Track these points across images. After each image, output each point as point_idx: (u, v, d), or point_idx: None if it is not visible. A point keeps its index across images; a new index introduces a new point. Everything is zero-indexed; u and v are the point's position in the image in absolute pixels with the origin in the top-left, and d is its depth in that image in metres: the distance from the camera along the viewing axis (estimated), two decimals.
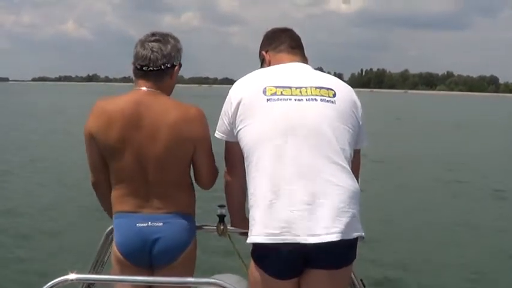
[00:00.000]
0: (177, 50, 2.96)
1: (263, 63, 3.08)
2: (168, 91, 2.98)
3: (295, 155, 2.61)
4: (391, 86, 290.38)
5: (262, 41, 3.11)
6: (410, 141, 26.71)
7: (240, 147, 2.76)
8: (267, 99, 2.70)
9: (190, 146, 2.90)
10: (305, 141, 2.63)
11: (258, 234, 2.60)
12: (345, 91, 2.83)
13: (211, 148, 3.00)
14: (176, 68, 2.96)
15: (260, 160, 2.64)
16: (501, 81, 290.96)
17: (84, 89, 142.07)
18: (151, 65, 2.88)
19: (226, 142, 2.88)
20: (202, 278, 2.48)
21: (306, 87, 2.74)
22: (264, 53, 3.06)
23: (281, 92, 2.71)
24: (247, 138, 2.70)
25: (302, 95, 2.71)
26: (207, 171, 3.04)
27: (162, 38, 2.93)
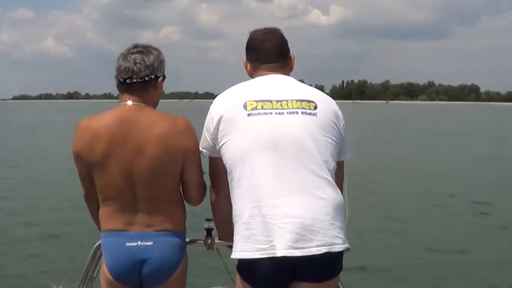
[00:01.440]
0: (160, 62, 2.90)
1: (246, 69, 3.04)
2: (153, 103, 2.93)
3: (277, 170, 2.61)
4: (373, 97, 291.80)
5: (246, 47, 3.04)
6: (393, 151, 26.79)
7: (223, 162, 2.76)
8: (248, 114, 2.69)
9: (180, 158, 2.85)
10: (287, 155, 2.62)
11: (242, 250, 2.60)
12: (326, 103, 2.83)
13: (200, 160, 2.95)
14: (160, 79, 2.90)
15: (242, 176, 2.64)
16: (482, 89, 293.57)
17: (66, 106, 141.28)
18: (135, 76, 2.82)
19: (210, 157, 2.88)
20: None
21: (286, 100, 2.73)
22: (245, 62, 3.03)
23: (261, 106, 2.70)
24: (229, 153, 2.70)
25: (283, 108, 2.70)
26: (196, 184, 2.97)
27: (144, 49, 2.88)
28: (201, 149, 2.87)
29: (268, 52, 2.96)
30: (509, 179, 18.39)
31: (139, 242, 2.79)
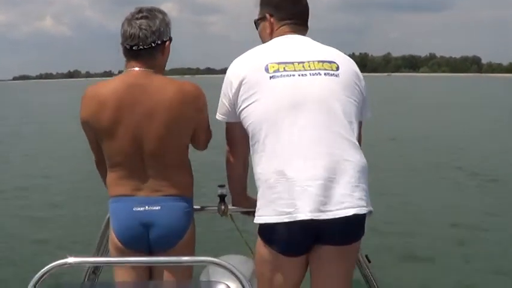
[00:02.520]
0: (166, 24, 2.85)
1: (261, 21, 2.96)
2: (161, 69, 2.88)
3: (303, 132, 2.57)
4: (374, 70, 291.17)
5: (269, 3, 2.93)
6: (400, 123, 26.72)
7: (241, 127, 2.72)
8: (270, 77, 2.64)
9: (189, 125, 2.85)
10: (313, 117, 2.59)
11: (267, 215, 2.56)
12: (347, 64, 2.79)
13: (209, 123, 2.97)
14: (167, 43, 2.86)
15: (267, 138, 2.60)
16: (484, 61, 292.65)
17: (67, 85, 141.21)
18: (141, 43, 2.77)
19: (227, 123, 2.84)
20: (199, 257, 2.38)
21: (308, 62, 2.68)
22: (268, 15, 2.91)
23: (284, 68, 2.65)
24: (251, 117, 2.65)
25: (305, 69, 2.66)
26: (203, 141, 3.02)
27: (149, 13, 2.82)
28: (218, 114, 2.82)
29: (299, 14, 2.91)
30: None
31: (146, 207, 2.79)
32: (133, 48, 2.78)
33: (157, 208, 2.79)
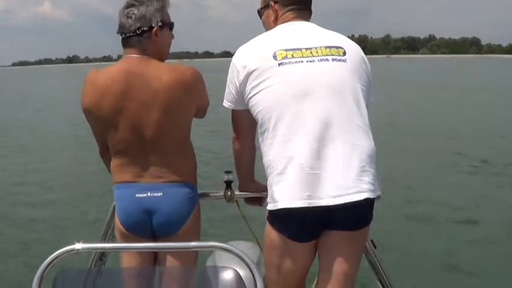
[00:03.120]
0: (156, 10, 2.84)
1: (264, 9, 2.96)
2: (155, 55, 2.87)
3: (312, 118, 2.57)
4: (374, 52, 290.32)
5: None
6: (398, 106, 26.64)
7: (248, 114, 2.73)
8: (279, 64, 2.64)
9: (188, 109, 2.88)
10: (321, 103, 2.60)
11: (279, 200, 2.57)
12: (353, 48, 2.80)
13: (208, 106, 3.02)
14: (155, 29, 2.84)
15: (277, 125, 2.60)
16: (483, 42, 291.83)
17: (66, 71, 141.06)
18: (126, 30, 2.82)
19: (234, 110, 2.84)
20: (207, 242, 2.37)
21: (316, 48, 2.69)
22: (272, 2, 2.90)
23: (292, 55, 2.66)
24: (260, 105, 2.65)
25: (313, 55, 2.67)
26: (203, 114, 3.06)
27: (137, 1, 2.84)
28: (225, 101, 2.82)
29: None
30: None
31: (149, 193, 2.82)
32: (122, 36, 2.85)
33: (159, 194, 2.83)
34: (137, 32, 2.81)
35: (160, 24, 2.85)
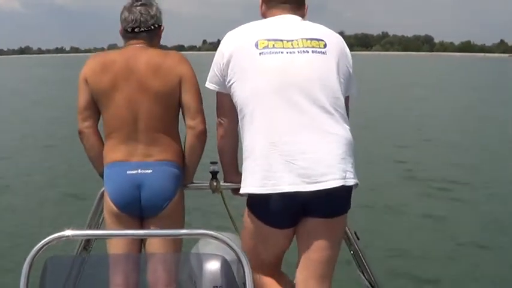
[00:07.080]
0: (160, 12, 3.16)
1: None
2: (156, 47, 3.16)
3: (290, 107, 2.65)
4: None
5: None
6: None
7: (231, 99, 2.80)
8: (260, 53, 2.72)
9: (176, 85, 3.01)
10: (300, 93, 2.67)
11: (253, 185, 2.65)
12: (335, 41, 2.87)
13: (199, 89, 3.07)
14: (162, 27, 3.20)
15: (255, 113, 2.68)
16: (436, 40, 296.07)
17: (18, 62, 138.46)
18: (142, 25, 3.09)
19: (218, 93, 2.90)
20: (196, 230, 2.42)
21: (297, 40, 2.76)
22: (260, 1, 2.99)
23: (273, 45, 2.73)
24: (240, 92, 2.74)
25: (294, 47, 2.74)
26: (197, 109, 3.05)
27: (146, 1, 3.13)
28: (208, 83, 2.89)
29: None
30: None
31: (139, 170, 2.99)
32: (135, 30, 3.10)
33: (149, 171, 2.99)
34: (151, 28, 3.11)
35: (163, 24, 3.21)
